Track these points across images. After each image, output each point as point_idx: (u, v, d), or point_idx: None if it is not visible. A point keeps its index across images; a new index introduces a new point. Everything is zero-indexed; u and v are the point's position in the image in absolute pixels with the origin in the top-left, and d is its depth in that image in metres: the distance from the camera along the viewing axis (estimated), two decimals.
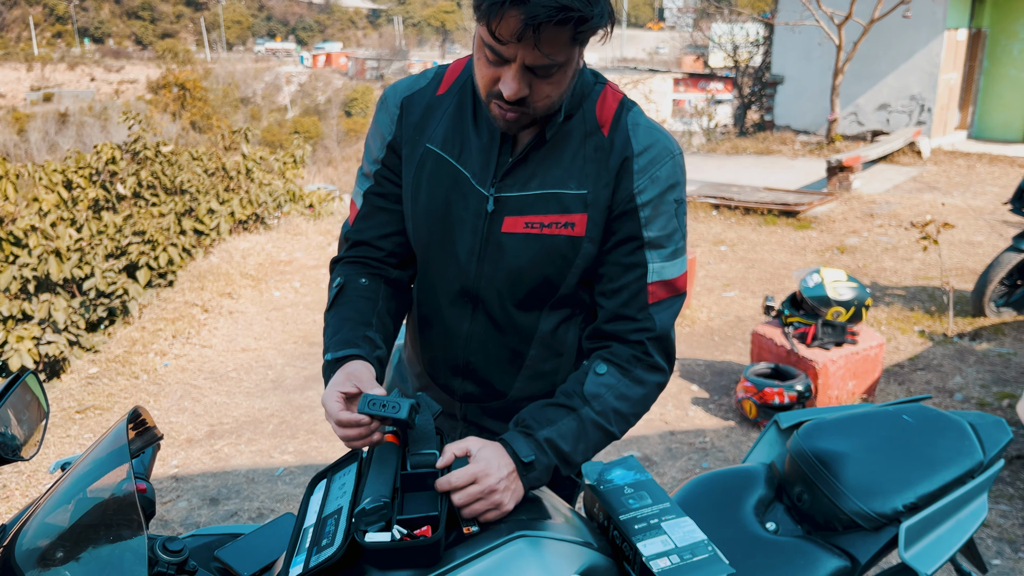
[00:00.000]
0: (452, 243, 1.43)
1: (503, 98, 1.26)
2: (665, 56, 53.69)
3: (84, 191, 7.99)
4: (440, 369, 1.56)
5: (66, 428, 4.38)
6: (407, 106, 1.46)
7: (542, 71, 1.23)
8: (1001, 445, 1.68)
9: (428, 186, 1.43)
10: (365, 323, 1.44)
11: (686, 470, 3.77)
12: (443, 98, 1.45)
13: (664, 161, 1.38)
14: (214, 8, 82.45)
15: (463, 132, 1.42)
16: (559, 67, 1.24)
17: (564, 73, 1.27)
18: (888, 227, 8.22)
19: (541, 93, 1.27)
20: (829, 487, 1.60)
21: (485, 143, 1.40)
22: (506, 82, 1.23)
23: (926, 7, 12.21)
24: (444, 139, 1.42)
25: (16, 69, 63.07)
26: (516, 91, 1.24)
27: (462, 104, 1.43)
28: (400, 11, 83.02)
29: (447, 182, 1.42)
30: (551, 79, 1.26)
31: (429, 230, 1.45)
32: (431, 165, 1.43)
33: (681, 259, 1.42)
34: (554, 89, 1.28)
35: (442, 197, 1.42)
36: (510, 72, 1.23)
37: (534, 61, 1.21)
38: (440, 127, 1.43)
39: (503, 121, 1.31)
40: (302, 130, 44.58)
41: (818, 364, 4.16)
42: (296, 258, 7.55)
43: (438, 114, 1.44)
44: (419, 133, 1.45)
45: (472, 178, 1.40)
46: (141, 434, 1.39)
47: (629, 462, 1.58)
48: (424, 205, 1.44)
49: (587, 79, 1.41)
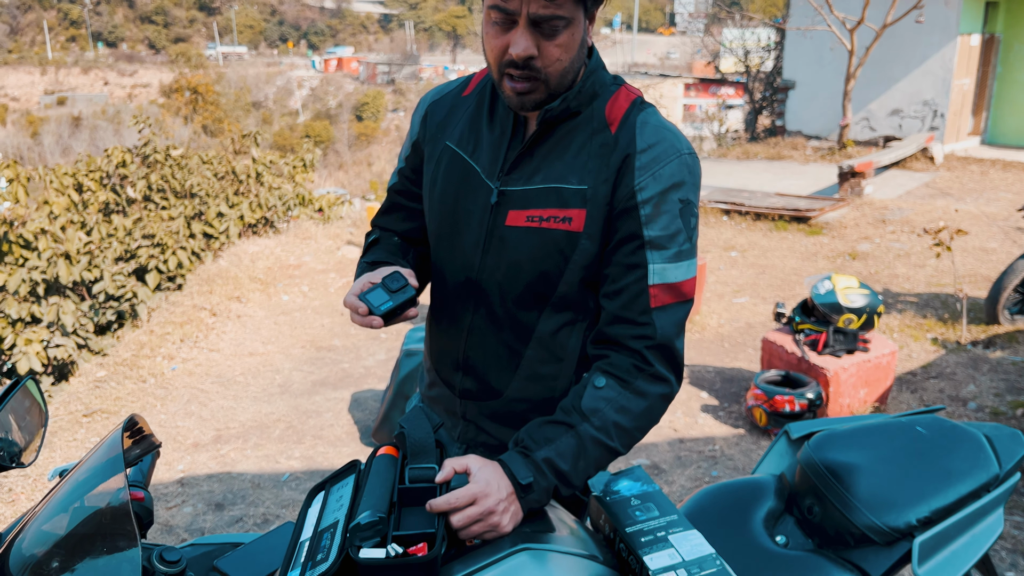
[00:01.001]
0: (460, 235, 1.46)
1: (514, 65, 1.29)
2: (676, 61, 53.65)
3: (95, 194, 8.02)
4: (444, 363, 1.57)
5: (73, 432, 4.37)
6: (433, 108, 1.54)
7: (548, 27, 1.26)
8: (1017, 458, 1.64)
9: (443, 180, 1.48)
10: (398, 260, 1.54)
11: (695, 479, 3.73)
12: (467, 99, 1.51)
13: (669, 159, 1.35)
14: (227, 12, 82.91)
15: (478, 129, 1.46)
16: (565, 24, 1.27)
17: (571, 34, 1.29)
18: (900, 233, 8.15)
19: (550, 56, 1.29)
20: (841, 500, 1.56)
21: (496, 138, 1.43)
22: (516, 41, 1.27)
23: (939, 12, 12.14)
24: (461, 136, 1.47)
25: (30, 73, 63.60)
26: (524, 48, 1.27)
27: (481, 103, 1.48)
28: (411, 16, 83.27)
29: (459, 176, 1.46)
30: (557, 39, 1.28)
31: (440, 222, 1.49)
32: (447, 160, 1.48)
33: (687, 263, 1.38)
34: (563, 52, 1.30)
35: (453, 191, 1.46)
36: (517, 30, 1.27)
37: (538, 10, 1.24)
38: (459, 125, 1.49)
39: (516, 97, 1.33)
40: (313, 134, 44.76)
41: (829, 372, 4.12)
42: (305, 262, 7.55)
43: (459, 113, 1.50)
44: (441, 131, 1.51)
45: (482, 172, 1.43)
46: (138, 442, 1.37)
47: (636, 473, 1.55)
48: (438, 198, 1.49)
49: (604, 79, 1.43)
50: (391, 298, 1.33)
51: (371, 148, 44.86)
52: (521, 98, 1.33)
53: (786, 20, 14.36)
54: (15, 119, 50.45)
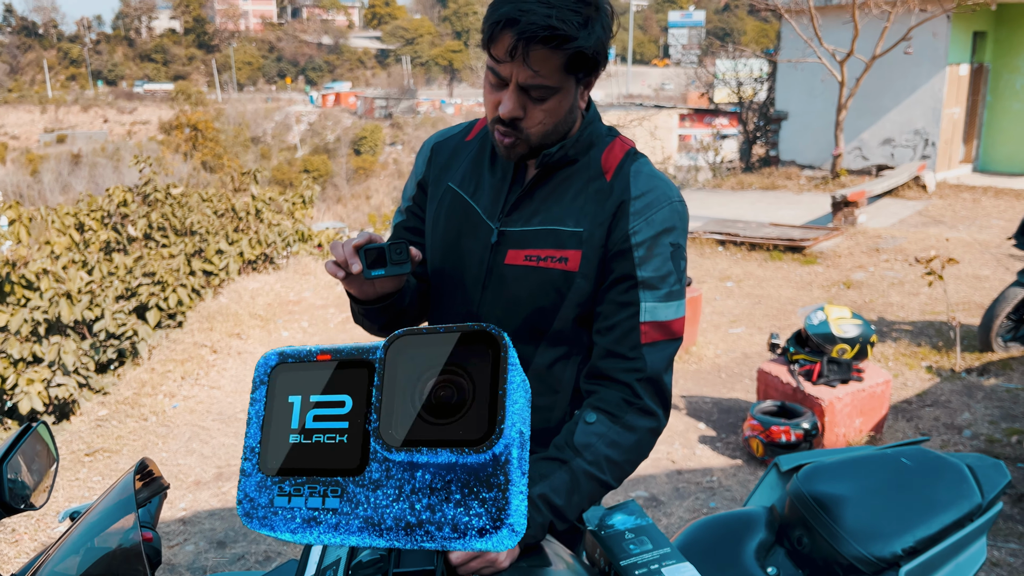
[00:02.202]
0: (461, 272, 1.53)
1: (501, 122, 1.39)
2: (670, 92, 54.15)
3: (96, 233, 8.09)
4: None
5: (75, 471, 4.40)
6: (437, 150, 1.63)
7: (536, 93, 1.35)
8: (1000, 487, 1.69)
9: (445, 219, 1.56)
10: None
11: (693, 510, 3.76)
12: (470, 143, 1.61)
13: (661, 206, 1.44)
14: (225, 50, 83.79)
15: (480, 172, 1.55)
16: (552, 93, 1.36)
17: (558, 101, 1.38)
18: (894, 262, 8.23)
19: (534, 118, 1.39)
20: (828, 531, 1.61)
21: (497, 181, 1.52)
22: (504, 102, 1.37)
23: (927, 43, 12.34)
24: (463, 178, 1.56)
25: (30, 111, 64.04)
26: (510, 110, 1.36)
27: (483, 148, 1.58)
28: (408, 51, 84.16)
29: (460, 216, 1.54)
30: (544, 105, 1.37)
31: (443, 259, 1.56)
32: (449, 201, 1.56)
33: (677, 303, 1.46)
34: (547, 116, 1.39)
35: (455, 229, 1.54)
36: (507, 92, 1.36)
37: (526, 80, 1.33)
38: (462, 167, 1.58)
39: (502, 147, 1.43)
40: (312, 168, 44.99)
41: (824, 402, 4.16)
42: (305, 298, 7.61)
43: (462, 156, 1.59)
44: (444, 172, 1.60)
45: (482, 212, 1.51)
46: (148, 484, 1.42)
47: (630, 507, 1.60)
48: (441, 236, 1.56)
49: (600, 131, 1.52)
50: (387, 268, 1.36)
51: (369, 181, 45.09)
52: (507, 149, 1.43)
53: (777, 52, 14.57)
54: (15, 157, 50.72)
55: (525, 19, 1.27)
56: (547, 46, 1.29)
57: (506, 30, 1.29)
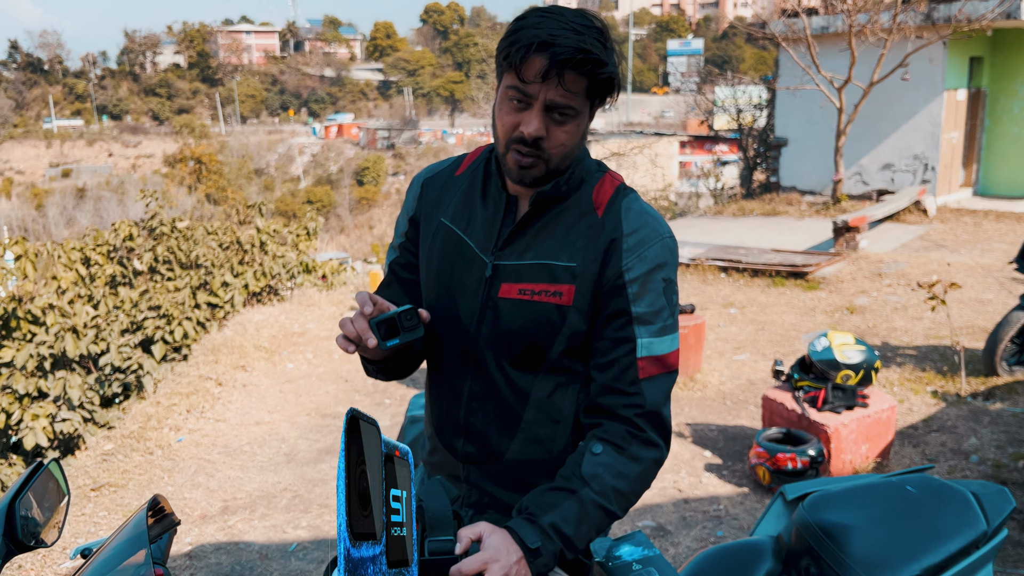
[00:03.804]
0: (456, 306, 1.55)
1: (522, 142, 1.41)
2: (671, 119, 54.52)
3: (102, 267, 8.14)
4: (445, 428, 1.63)
5: (81, 506, 4.39)
6: (428, 185, 1.65)
7: (559, 114, 1.40)
8: (1005, 514, 1.70)
9: (439, 255, 1.58)
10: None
11: (700, 539, 3.75)
12: (460, 178, 1.62)
13: (653, 243, 1.48)
14: (229, 84, 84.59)
15: (472, 207, 1.57)
16: (574, 115, 1.41)
17: (577, 124, 1.43)
18: (897, 286, 8.24)
19: (556, 139, 1.42)
20: (835, 560, 1.61)
21: (490, 215, 1.54)
22: (529, 121, 1.40)
23: (924, 69, 12.44)
24: (455, 213, 1.58)
25: (35, 146, 64.57)
26: (537, 128, 1.40)
27: (474, 183, 1.60)
28: (410, 82, 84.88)
29: (454, 250, 1.56)
30: (565, 126, 1.42)
31: (438, 294, 1.58)
32: (442, 236, 1.58)
33: (671, 336, 1.49)
34: (568, 138, 1.43)
35: (449, 264, 1.56)
36: (532, 112, 1.40)
37: (556, 98, 1.37)
38: (453, 203, 1.60)
39: (518, 169, 1.45)
40: (315, 199, 45.25)
41: (830, 428, 4.16)
42: (309, 329, 7.63)
43: (453, 191, 1.61)
44: (435, 208, 1.61)
45: (476, 247, 1.53)
46: (160, 520, 1.43)
47: (637, 538, 1.61)
48: (435, 271, 1.58)
49: (590, 167, 1.55)
50: (401, 336, 1.37)
51: (372, 211, 45.34)
52: (523, 171, 1.45)
53: (776, 79, 14.69)
54: (20, 192, 51.10)
55: (559, 43, 1.33)
56: (579, 70, 1.35)
57: (538, 54, 1.34)
